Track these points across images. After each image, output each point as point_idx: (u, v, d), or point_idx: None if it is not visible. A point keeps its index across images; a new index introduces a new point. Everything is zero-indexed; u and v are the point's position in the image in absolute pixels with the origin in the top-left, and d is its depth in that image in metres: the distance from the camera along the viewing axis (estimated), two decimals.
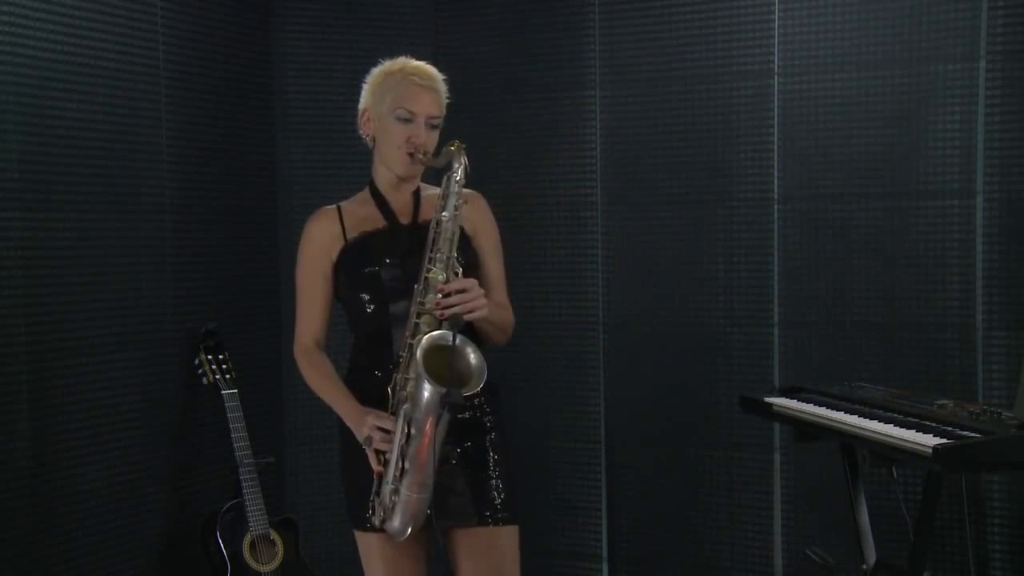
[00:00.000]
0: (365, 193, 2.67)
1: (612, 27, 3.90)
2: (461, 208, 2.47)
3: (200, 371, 3.62)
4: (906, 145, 3.51)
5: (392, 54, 4.05)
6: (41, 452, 3.18)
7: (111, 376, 3.41)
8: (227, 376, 3.62)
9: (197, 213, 3.73)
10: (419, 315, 2.42)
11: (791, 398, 3.12)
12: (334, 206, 2.66)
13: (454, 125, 2.66)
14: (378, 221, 2.60)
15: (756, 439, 3.76)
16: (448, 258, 2.44)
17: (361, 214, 2.62)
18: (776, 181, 3.70)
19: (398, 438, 2.40)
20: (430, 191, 2.64)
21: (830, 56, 3.59)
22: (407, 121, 2.54)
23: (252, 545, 3.58)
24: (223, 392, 3.59)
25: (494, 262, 2.67)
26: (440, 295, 2.40)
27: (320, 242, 2.61)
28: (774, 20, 3.66)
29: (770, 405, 3.11)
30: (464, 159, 2.46)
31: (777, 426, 3.68)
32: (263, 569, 3.58)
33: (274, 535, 3.62)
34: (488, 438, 2.58)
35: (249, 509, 3.56)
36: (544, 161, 4.02)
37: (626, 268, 3.95)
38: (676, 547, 3.92)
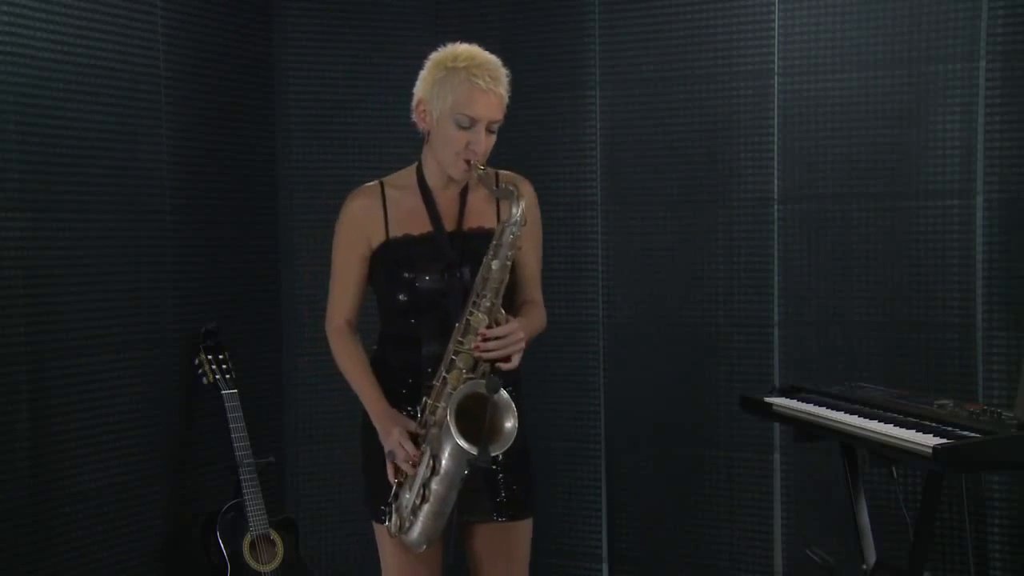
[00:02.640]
0: (411, 177, 2.58)
1: (612, 27, 3.90)
2: (513, 258, 2.41)
3: (200, 371, 3.62)
4: (906, 145, 3.51)
5: (392, 54, 4.10)
6: (41, 452, 3.18)
7: (111, 376, 3.41)
8: (227, 376, 3.62)
9: (197, 213, 3.73)
10: (456, 352, 2.40)
11: (791, 398, 3.12)
12: (377, 184, 2.58)
13: None
14: (423, 222, 2.52)
15: (756, 439, 3.76)
16: (492, 305, 2.39)
17: (405, 205, 2.54)
18: (776, 181, 3.70)
19: (423, 469, 2.40)
20: (478, 190, 2.56)
21: (830, 56, 3.59)
22: (467, 127, 2.43)
23: (252, 545, 3.58)
24: (223, 392, 3.59)
25: (532, 259, 2.61)
26: (480, 339, 2.37)
27: (360, 224, 2.54)
28: (774, 20, 3.66)
29: (770, 405, 3.11)
30: (523, 205, 2.38)
31: (777, 426, 3.68)
32: (263, 569, 3.58)
33: (274, 535, 3.62)
34: None
35: (249, 509, 3.56)
36: (544, 161, 4.02)
37: (626, 268, 3.95)
38: (676, 547, 3.92)
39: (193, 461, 3.72)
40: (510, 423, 2.36)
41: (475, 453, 2.30)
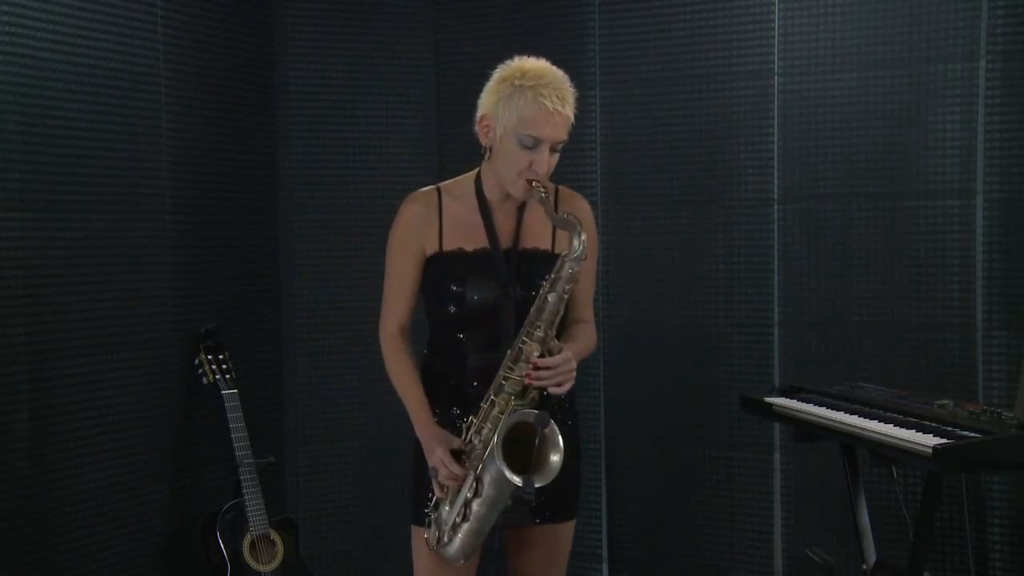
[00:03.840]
0: (469, 187, 2.54)
1: (612, 28, 3.90)
2: (570, 292, 2.37)
3: (200, 371, 3.61)
4: (906, 145, 3.51)
5: (392, 54, 4.10)
6: (41, 452, 3.18)
7: (111, 376, 3.41)
8: (227, 376, 3.62)
9: (197, 213, 3.73)
10: (506, 378, 2.37)
11: (791, 398, 3.12)
12: (434, 190, 2.54)
13: (455, 125, 2.65)
14: (478, 237, 2.49)
15: (756, 439, 3.76)
16: (545, 335, 2.35)
17: (461, 217, 2.51)
18: (776, 181, 3.70)
19: (465, 489, 2.39)
20: (537, 206, 2.49)
21: (830, 56, 3.59)
22: (531, 147, 2.38)
23: (252, 545, 3.58)
24: (223, 392, 3.59)
25: (586, 279, 2.55)
26: (531, 367, 2.34)
27: (415, 230, 2.51)
28: (774, 20, 3.66)
29: (770, 405, 3.11)
30: (584, 237, 2.32)
31: (777, 426, 3.68)
32: (263, 569, 3.58)
33: (274, 535, 3.62)
34: None
35: (249, 509, 3.56)
36: None
37: (626, 268, 3.95)
38: (676, 547, 3.92)
39: (193, 461, 3.72)
40: (556, 457, 2.33)
41: (520, 485, 2.28)
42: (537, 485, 2.30)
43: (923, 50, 3.46)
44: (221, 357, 3.64)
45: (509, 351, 2.38)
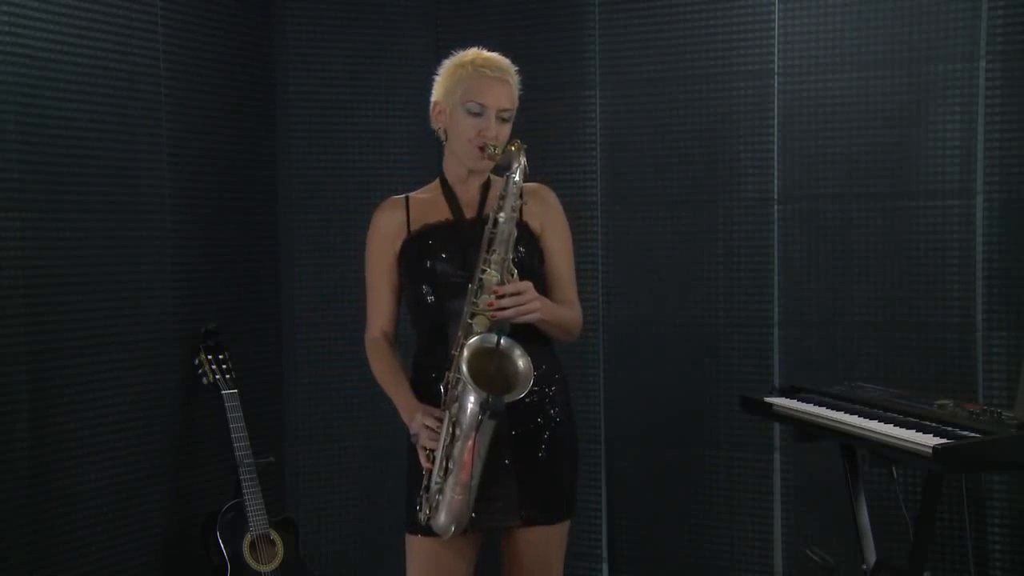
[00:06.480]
0: (435, 183, 2.66)
1: (612, 27, 3.90)
2: (519, 209, 2.46)
3: (200, 371, 3.61)
4: (906, 145, 3.51)
5: (392, 54, 4.11)
6: (41, 452, 3.18)
7: (111, 376, 3.41)
8: (227, 376, 3.62)
9: (197, 213, 3.73)
10: (472, 315, 2.41)
11: (791, 398, 3.11)
12: (403, 196, 2.67)
13: None
14: (443, 213, 2.60)
15: (756, 439, 3.76)
16: (503, 260, 2.42)
17: (427, 205, 2.62)
18: (776, 181, 3.70)
19: (443, 438, 2.40)
20: (499, 185, 2.59)
21: (830, 56, 3.59)
22: (477, 114, 2.51)
23: (252, 545, 3.58)
24: (223, 392, 3.59)
25: (563, 260, 2.65)
26: (494, 296, 2.39)
27: (385, 233, 2.62)
28: (774, 20, 3.66)
29: (770, 405, 3.11)
30: (523, 159, 2.45)
31: (777, 426, 3.69)
32: (263, 569, 3.58)
33: (274, 535, 3.62)
34: (544, 436, 2.56)
35: (249, 509, 3.56)
36: (544, 161, 4.01)
37: (626, 268, 3.95)
38: (676, 547, 3.92)
39: (193, 461, 3.72)
40: (522, 364, 2.36)
41: (484, 394, 2.28)
42: (517, 397, 2.32)
43: (923, 50, 3.46)
44: (221, 357, 3.64)
45: (471, 285, 2.43)
